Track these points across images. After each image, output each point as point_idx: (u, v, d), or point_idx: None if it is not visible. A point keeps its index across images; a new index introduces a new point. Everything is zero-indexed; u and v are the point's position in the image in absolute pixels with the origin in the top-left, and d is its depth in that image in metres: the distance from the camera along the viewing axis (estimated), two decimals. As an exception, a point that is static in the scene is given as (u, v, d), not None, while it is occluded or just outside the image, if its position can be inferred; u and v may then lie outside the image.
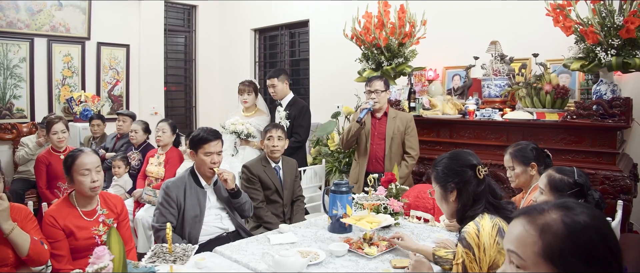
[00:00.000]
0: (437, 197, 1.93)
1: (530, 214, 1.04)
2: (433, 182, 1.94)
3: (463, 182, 1.82)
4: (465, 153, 1.91)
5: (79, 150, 2.39)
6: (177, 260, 1.77)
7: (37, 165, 4.00)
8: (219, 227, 2.78)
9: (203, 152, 2.71)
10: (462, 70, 4.23)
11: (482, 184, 1.82)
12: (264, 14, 6.63)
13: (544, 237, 0.98)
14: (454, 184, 1.83)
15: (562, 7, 3.18)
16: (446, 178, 1.85)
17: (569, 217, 0.99)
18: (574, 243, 0.96)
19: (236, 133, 4.09)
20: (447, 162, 1.88)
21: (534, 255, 0.99)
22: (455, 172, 1.84)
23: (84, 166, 2.30)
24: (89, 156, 2.36)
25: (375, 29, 4.12)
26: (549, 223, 0.99)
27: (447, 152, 1.96)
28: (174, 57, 7.27)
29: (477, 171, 1.82)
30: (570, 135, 3.27)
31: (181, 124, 7.03)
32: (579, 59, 3.20)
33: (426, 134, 4.01)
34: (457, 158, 1.88)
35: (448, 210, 1.90)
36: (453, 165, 1.86)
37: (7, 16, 5.47)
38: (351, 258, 2.19)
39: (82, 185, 2.30)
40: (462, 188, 1.82)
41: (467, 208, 1.81)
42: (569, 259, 0.96)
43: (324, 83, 5.82)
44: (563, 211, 1.00)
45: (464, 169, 1.83)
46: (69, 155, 2.37)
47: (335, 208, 2.56)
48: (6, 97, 5.56)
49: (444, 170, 1.87)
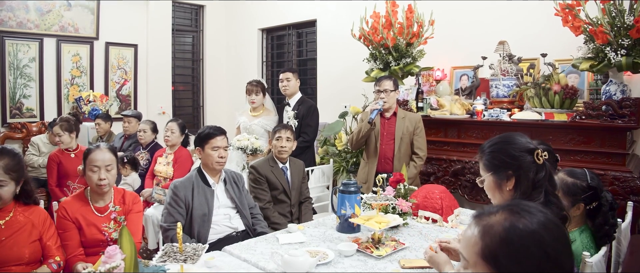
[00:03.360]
0: (488, 186, 1.73)
1: (481, 216, 1.07)
2: (482, 170, 1.73)
3: (522, 168, 1.62)
4: (519, 136, 1.70)
5: (96, 145, 2.42)
6: (187, 260, 1.78)
7: (49, 163, 4.05)
8: (228, 226, 2.79)
9: (210, 147, 2.75)
10: (470, 70, 4.22)
11: (542, 170, 1.61)
12: (271, 14, 6.64)
13: (484, 239, 1.02)
14: (512, 171, 1.63)
15: (571, 7, 3.16)
16: (501, 166, 1.65)
17: (511, 221, 1.01)
18: (508, 246, 0.99)
19: (242, 149, 4.07)
20: (502, 146, 1.68)
21: (475, 256, 1.03)
22: (512, 157, 1.63)
23: (93, 162, 2.34)
24: (102, 153, 2.38)
25: (383, 29, 4.12)
26: (491, 225, 1.02)
27: (497, 136, 1.75)
28: (181, 57, 7.30)
29: (536, 156, 1.62)
30: (579, 136, 3.26)
31: (189, 123, 7.05)
32: (588, 59, 3.18)
33: (434, 134, 4.01)
34: (513, 141, 1.67)
35: (502, 198, 1.69)
36: (509, 150, 1.65)
37: (17, 16, 5.52)
38: (360, 258, 2.19)
39: (89, 180, 2.35)
40: (521, 175, 1.62)
41: (525, 198, 1.60)
42: (501, 261, 0.99)
43: (331, 83, 5.83)
44: (508, 214, 1.03)
45: (522, 154, 1.63)
46: (87, 149, 2.43)
47: (343, 208, 2.57)
48: (16, 97, 5.61)
49: (499, 155, 1.66)
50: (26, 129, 5.56)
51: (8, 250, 2.07)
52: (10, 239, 2.08)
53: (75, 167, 3.85)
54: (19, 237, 2.11)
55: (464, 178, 3.79)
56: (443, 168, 3.91)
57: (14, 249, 2.09)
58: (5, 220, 2.11)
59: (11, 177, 2.08)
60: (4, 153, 2.09)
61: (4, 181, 2.05)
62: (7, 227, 2.09)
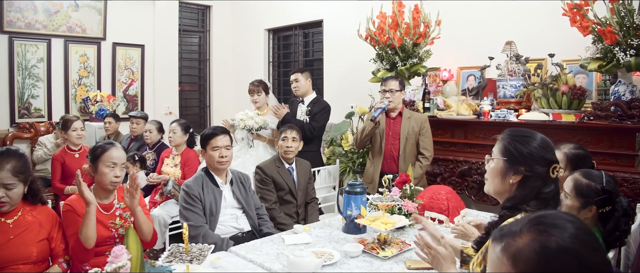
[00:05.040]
0: (492, 169, 1.67)
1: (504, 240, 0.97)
2: (497, 151, 1.66)
3: (534, 172, 1.57)
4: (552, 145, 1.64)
5: (110, 143, 2.43)
6: (193, 260, 1.79)
7: (53, 163, 4.09)
8: (234, 227, 2.80)
9: (211, 147, 2.76)
10: (477, 70, 4.20)
11: (550, 185, 1.58)
12: (277, 14, 6.65)
13: (517, 266, 0.93)
14: (524, 170, 1.58)
15: (580, 7, 3.13)
16: (519, 157, 1.59)
17: (540, 240, 0.92)
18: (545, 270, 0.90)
19: (248, 129, 4.12)
20: (530, 141, 1.60)
21: None
22: (531, 157, 1.58)
23: (111, 159, 2.34)
24: (119, 151, 2.40)
25: (389, 29, 4.11)
26: (521, 250, 0.93)
27: (533, 131, 1.66)
28: (188, 57, 7.33)
29: (553, 170, 1.58)
30: (588, 137, 3.23)
31: (195, 123, 7.08)
32: (597, 59, 3.15)
33: (441, 134, 3.99)
34: (548, 147, 1.61)
35: (499, 187, 1.65)
36: (539, 152, 1.58)
37: (26, 17, 5.56)
38: (366, 259, 2.19)
39: (105, 177, 2.33)
40: (530, 178, 1.58)
41: (520, 201, 1.58)
42: None
43: (337, 83, 5.82)
44: (536, 233, 0.93)
45: (544, 159, 1.58)
46: (98, 146, 2.41)
47: (349, 209, 2.56)
48: (24, 97, 5.65)
49: (520, 147, 1.59)
50: (34, 128, 5.60)
51: (16, 249, 2.08)
52: (18, 238, 2.10)
53: (79, 167, 3.86)
54: (27, 236, 2.13)
55: (470, 179, 3.77)
56: (449, 169, 3.90)
57: (22, 248, 2.10)
58: (13, 219, 2.12)
59: (20, 179, 2.09)
60: (11, 155, 2.09)
61: (13, 184, 2.06)
62: (15, 226, 2.11)
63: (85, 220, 2.16)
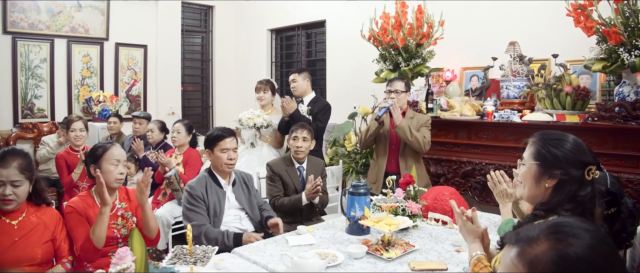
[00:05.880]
0: (525, 174, 1.64)
1: (520, 245, 0.97)
2: (529, 156, 1.63)
3: (569, 175, 1.54)
4: (586, 146, 1.61)
5: (109, 142, 2.46)
6: (197, 262, 1.78)
7: (57, 162, 4.08)
8: (238, 228, 2.79)
9: (219, 149, 2.75)
10: (480, 71, 4.19)
11: (586, 188, 1.55)
12: (280, 14, 6.65)
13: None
14: (560, 174, 1.54)
15: (584, 7, 3.12)
16: (555, 163, 1.55)
17: (558, 249, 0.92)
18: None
19: (256, 127, 4.13)
20: (570, 147, 1.56)
21: None
22: (569, 162, 1.54)
23: (114, 157, 2.37)
24: (119, 149, 2.44)
25: (392, 30, 4.11)
26: (538, 257, 0.93)
27: (565, 133, 1.62)
28: (190, 57, 7.33)
29: (588, 171, 1.54)
30: (592, 138, 3.22)
31: (198, 123, 7.08)
32: (601, 60, 3.15)
33: (444, 135, 3.98)
34: (582, 149, 1.57)
35: (534, 192, 1.61)
36: (574, 154, 1.55)
37: (29, 18, 5.57)
38: (369, 260, 2.18)
39: (110, 175, 2.34)
40: (566, 182, 1.54)
41: (556, 205, 1.54)
42: None
43: (340, 83, 5.82)
44: (553, 241, 0.93)
45: (579, 162, 1.54)
46: (99, 146, 2.43)
47: (353, 210, 2.56)
48: (27, 97, 5.66)
49: (555, 151, 1.56)
50: (37, 129, 5.61)
51: (21, 251, 2.08)
52: (23, 240, 2.10)
53: (83, 167, 3.88)
54: (32, 237, 2.13)
55: (474, 180, 3.76)
56: (453, 170, 3.89)
57: (27, 250, 2.10)
58: (18, 220, 2.12)
59: (26, 177, 2.10)
60: (16, 154, 2.11)
61: (20, 181, 2.07)
62: (20, 227, 2.11)
63: (99, 221, 2.19)
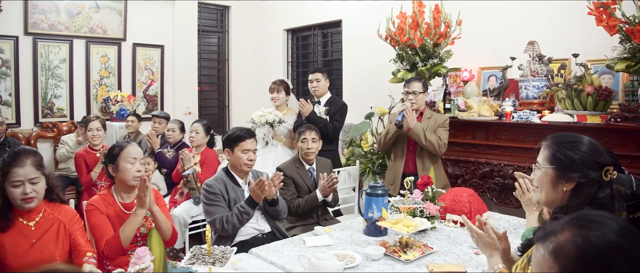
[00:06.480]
0: (541, 178, 1.60)
1: (546, 237, 0.98)
2: (544, 160, 1.59)
3: (587, 178, 1.50)
4: (601, 146, 1.58)
5: (126, 141, 2.48)
6: (216, 262, 1.79)
7: (76, 161, 4.15)
8: (254, 228, 2.79)
9: (240, 149, 2.77)
10: (499, 70, 4.14)
11: (605, 189, 1.51)
12: (296, 14, 6.65)
13: (559, 261, 0.93)
14: (578, 177, 1.50)
15: (606, 6, 3.06)
16: (572, 166, 1.51)
17: (582, 235, 0.92)
18: (588, 264, 0.90)
19: (269, 123, 4.15)
20: (579, 146, 1.53)
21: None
22: (586, 165, 1.50)
23: (131, 155, 2.39)
24: (136, 147, 2.47)
25: (409, 30, 4.08)
26: (562, 245, 0.93)
27: (579, 135, 1.59)
28: (207, 57, 7.37)
29: (605, 172, 1.50)
30: (614, 139, 3.16)
31: (214, 123, 7.11)
32: (624, 59, 3.08)
33: (462, 135, 3.94)
34: (597, 150, 1.54)
35: (551, 196, 1.58)
36: (590, 156, 1.51)
37: (49, 19, 5.66)
38: (387, 262, 2.17)
39: (127, 173, 2.36)
40: (584, 185, 1.50)
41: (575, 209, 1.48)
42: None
43: (357, 83, 5.80)
44: (577, 229, 0.93)
45: (597, 163, 1.51)
46: (116, 145, 2.46)
47: (370, 211, 2.54)
48: (48, 97, 5.75)
49: (570, 154, 1.52)
50: (57, 128, 5.70)
51: (39, 254, 2.06)
52: (41, 242, 2.07)
53: (101, 166, 3.93)
54: (49, 237, 2.11)
55: (492, 181, 3.72)
56: (471, 171, 3.85)
57: (45, 252, 2.07)
58: (35, 220, 2.10)
59: (42, 173, 2.11)
60: (28, 152, 2.11)
61: (37, 178, 2.07)
62: (38, 228, 2.09)
63: (132, 220, 2.24)
